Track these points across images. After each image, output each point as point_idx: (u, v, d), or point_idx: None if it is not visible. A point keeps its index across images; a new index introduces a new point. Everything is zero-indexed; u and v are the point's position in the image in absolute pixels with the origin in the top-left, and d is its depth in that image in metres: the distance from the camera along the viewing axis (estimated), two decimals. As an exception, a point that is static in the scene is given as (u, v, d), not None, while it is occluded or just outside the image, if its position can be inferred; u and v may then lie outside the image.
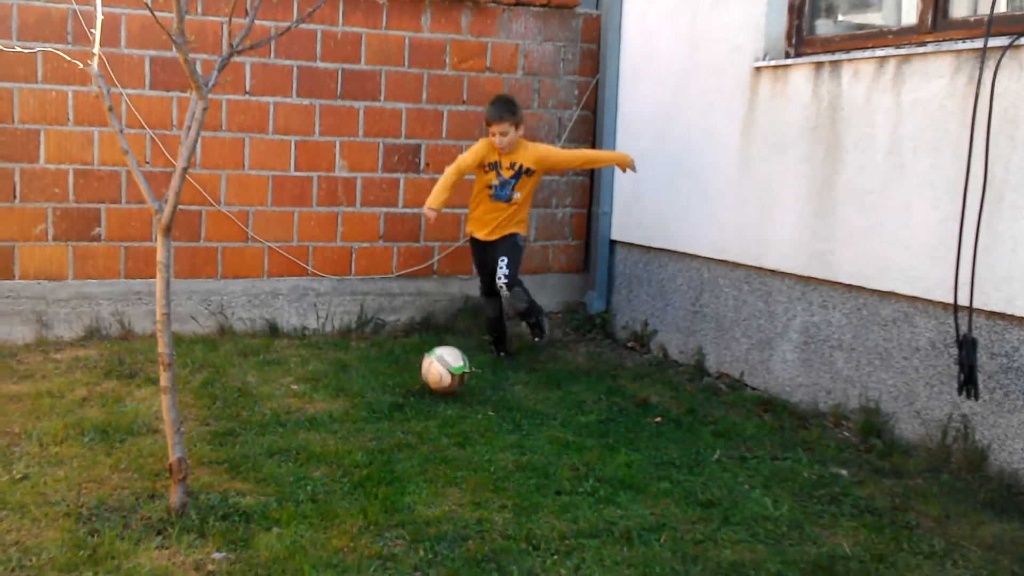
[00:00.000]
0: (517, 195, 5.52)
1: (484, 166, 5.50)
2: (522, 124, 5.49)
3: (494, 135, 5.39)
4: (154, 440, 3.97)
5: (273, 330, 5.92)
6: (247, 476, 3.67)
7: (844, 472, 3.96)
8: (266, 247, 5.96)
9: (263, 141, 5.90)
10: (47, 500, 3.34)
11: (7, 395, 4.45)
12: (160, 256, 3.29)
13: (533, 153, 5.54)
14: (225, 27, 5.50)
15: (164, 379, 3.31)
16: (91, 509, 3.29)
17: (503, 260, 5.49)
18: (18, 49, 4.04)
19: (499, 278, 5.45)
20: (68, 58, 3.90)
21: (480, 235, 5.62)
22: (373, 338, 6.01)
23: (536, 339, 5.70)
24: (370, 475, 3.72)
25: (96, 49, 3.29)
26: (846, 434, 4.42)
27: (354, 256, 6.19)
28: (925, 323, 4.17)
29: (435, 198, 5.37)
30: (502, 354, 5.70)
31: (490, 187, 5.51)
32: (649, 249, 6.07)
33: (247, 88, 5.81)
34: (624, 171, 5.68)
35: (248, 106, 5.83)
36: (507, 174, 5.48)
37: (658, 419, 4.60)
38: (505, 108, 5.42)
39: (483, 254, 5.67)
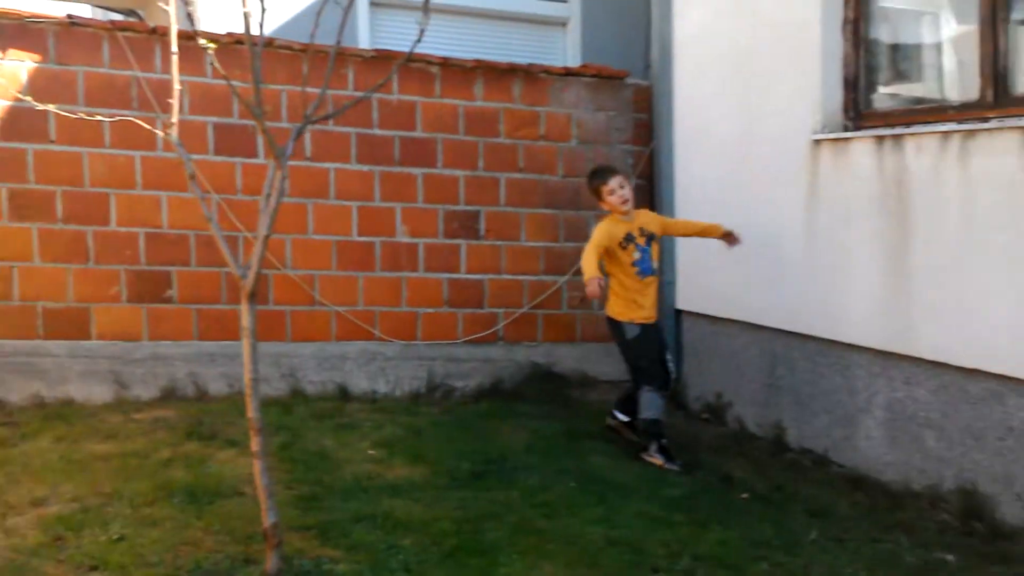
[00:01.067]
0: (655, 263, 5.05)
1: (620, 244, 4.97)
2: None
3: (612, 193, 4.95)
4: (241, 502, 3.95)
5: (343, 393, 5.91)
6: (337, 542, 3.63)
7: (950, 557, 3.81)
8: (333, 311, 5.98)
9: (325, 206, 5.95)
10: (146, 561, 3.32)
11: (94, 454, 4.46)
12: (245, 322, 3.28)
13: (650, 217, 5.19)
14: (284, 96, 5.72)
15: (255, 443, 3.29)
16: (189, 572, 3.27)
17: (670, 354, 5.22)
18: (83, 116, 4.16)
19: (672, 373, 5.17)
20: (146, 125, 3.96)
21: (640, 317, 5.02)
22: (443, 403, 5.98)
23: (663, 463, 4.91)
24: (460, 545, 3.67)
25: (175, 117, 3.29)
26: (945, 516, 4.26)
27: (420, 321, 6.19)
28: (1017, 402, 4.04)
29: (591, 267, 4.71)
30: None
31: (634, 264, 4.99)
32: (717, 319, 5.95)
33: (307, 154, 5.89)
34: (730, 246, 5.26)
35: (309, 172, 5.89)
36: (643, 242, 5.01)
37: (744, 495, 4.51)
38: (612, 165, 5.10)
39: (654, 338, 5.09)
